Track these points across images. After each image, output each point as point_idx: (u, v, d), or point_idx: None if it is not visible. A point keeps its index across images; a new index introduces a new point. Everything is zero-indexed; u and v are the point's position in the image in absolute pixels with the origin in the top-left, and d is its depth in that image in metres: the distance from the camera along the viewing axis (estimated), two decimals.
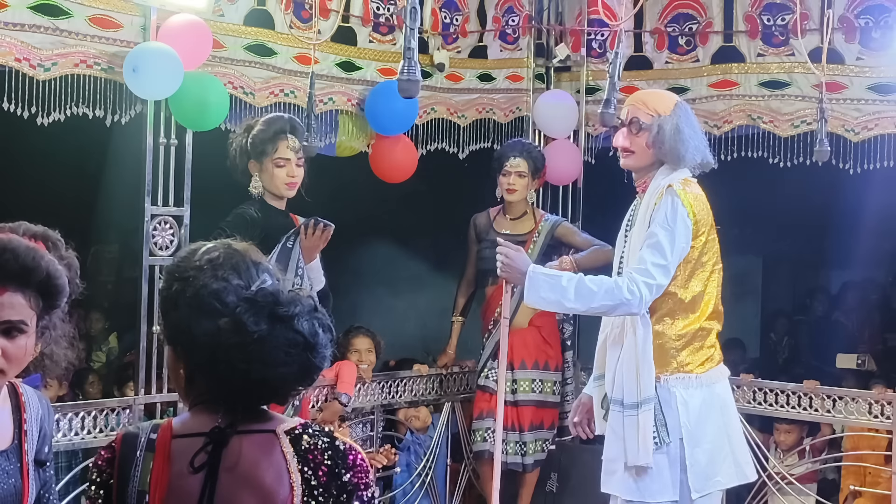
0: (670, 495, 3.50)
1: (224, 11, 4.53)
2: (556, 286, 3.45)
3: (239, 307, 1.76)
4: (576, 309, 3.57)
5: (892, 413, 4.74)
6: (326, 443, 1.79)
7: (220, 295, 1.78)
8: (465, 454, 5.43)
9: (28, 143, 5.57)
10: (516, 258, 3.55)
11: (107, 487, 1.81)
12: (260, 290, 1.79)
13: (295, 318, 1.77)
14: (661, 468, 3.49)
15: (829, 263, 8.38)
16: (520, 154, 5.11)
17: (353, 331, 5.25)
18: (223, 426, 1.77)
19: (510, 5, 5.72)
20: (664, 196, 3.50)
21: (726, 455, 3.60)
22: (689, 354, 3.55)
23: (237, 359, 1.74)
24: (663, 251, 3.44)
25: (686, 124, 3.57)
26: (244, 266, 1.83)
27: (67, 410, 4.02)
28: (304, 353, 1.78)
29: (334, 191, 6.11)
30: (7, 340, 2.02)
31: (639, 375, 3.47)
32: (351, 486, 1.78)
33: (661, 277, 3.44)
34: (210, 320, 1.76)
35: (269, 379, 1.77)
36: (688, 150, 3.55)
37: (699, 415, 3.53)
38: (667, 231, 3.45)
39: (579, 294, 3.42)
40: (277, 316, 1.77)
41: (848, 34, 5.09)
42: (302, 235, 3.96)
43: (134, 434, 1.82)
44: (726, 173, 5.42)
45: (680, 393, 3.52)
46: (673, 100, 3.65)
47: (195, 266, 1.81)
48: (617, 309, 3.46)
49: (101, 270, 7.48)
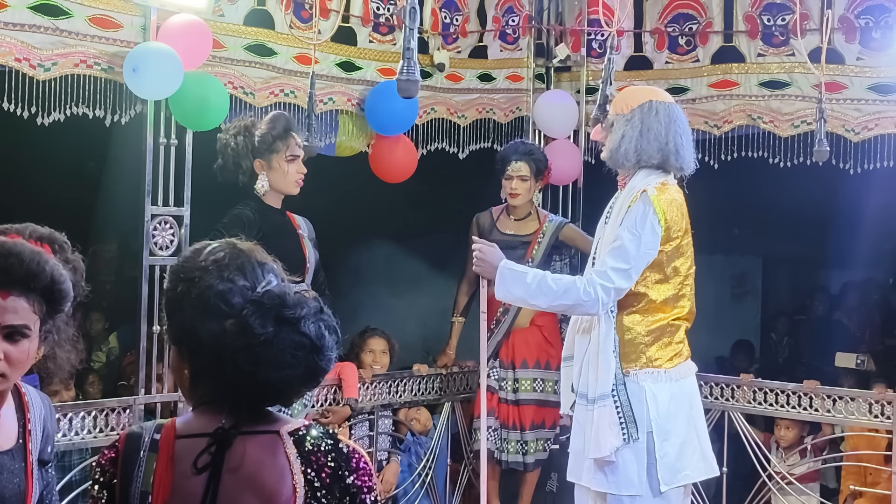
0: (635, 489, 3.54)
1: (224, 11, 4.53)
2: (521, 282, 3.58)
3: (245, 309, 1.76)
4: (539, 305, 3.69)
5: (892, 413, 4.74)
6: (330, 445, 1.79)
7: (225, 296, 1.77)
8: (465, 454, 5.43)
9: (28, 144, 5.57)
10: (489, 253, 3.68)
11: (110, 487, 1.81)
12: (266, 293, 1.79)
13: (301, 320, 1.77)
14: (626, 462, 3.53)
15: (830, 263, 8.38)
16: (521, 157, 5.09)
17: (368, 331, 5.32)
18: (227, 427, 1.77)
19: (510, 5, 5.72)
20: (637, 201, 3.54)
21: (694, 449, 3.65)
22: (658, 349, 3.60)
23: (243, 361, 1.74)
24: (626, 256, 3.50)
25: (636, 126, 3.57)
26: (249, 267, 1.83)
27: (67, 410, 4.02)
28: (311, 356, 1.77)
29: (334, 191, 6.12)
30: (10, 345, 2.03)
31: (598, 369, 3.54)
32: (354, 489, 1.78)
33: (620, 281, 3.50)
34: (216, 321, 1.76)
35: (274, 381, 1.76)
36: (627, 152, 3.57)
37: (668, 409, 3.58)
38: (633, 236, 3.51)
39: (541, 291, 3.54)
40: (284, 318, 1.76)
41: (848, 34, 5.09)
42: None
43: (137, 434, 1.81)
44: (726, 173, 5.44)
45: (649, 387, 3.57)
46: (640, 100, 3.62)
47: (200, 267, 1.81)
48: (575, 308, 3.58)
49: (100, 270, 7.47)
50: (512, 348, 5.16)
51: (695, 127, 5.34)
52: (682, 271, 3.61)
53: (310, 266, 4.21)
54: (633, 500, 3.54)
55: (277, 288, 1.81)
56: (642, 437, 3.52)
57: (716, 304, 7.90)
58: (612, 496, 3.57)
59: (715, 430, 5.15)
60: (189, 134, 4.36)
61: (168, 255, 4.28)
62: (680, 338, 3.66)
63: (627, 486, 3.53)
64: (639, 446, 3.52)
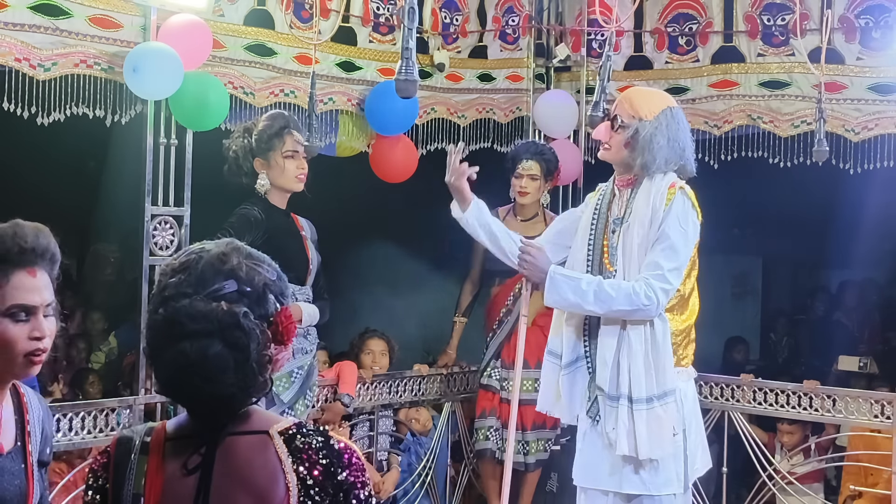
0: (675, 487, 3.53)
1: (224, 11, 4.53)
2: (576, 288, 3.51)
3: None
4: (594, 311, 3.57)
5: (892, 413, 4.74)
6: (321, 442, 1.79)
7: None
8: (465, 454, 5.43)
9: (28, 143, 5.57)
10: (539, 257, 3.64)
11: (103, 492, 1.83)
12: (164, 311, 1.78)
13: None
14: (666, 461, 3.52)
15: (830, 263, 8.38)
16: (532, 157, 5.09)
17: (368, 332, 5.34)
18: (217, 428, 1.78)
19: (510, 5, 5.72)
20: (677, 197, 3.51)
21: (700, 442, 3.70)
22: (685, 348, 3.62)
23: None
24: (678, 254, 3.48)
25: (664, 133, 3.55)
26: (204, 278, 1.81)
27: (67, 410, 4.02)
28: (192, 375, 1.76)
29: (334, 191, 6.11)
30: (46, 322, 2.05)
31: (657, 369, 3.49)
32: (347, 485, 1.78)
33: (676, 281, 3.50)
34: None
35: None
36: (655, 159, 3.55)
37: (692, 406, 3.62)
38: (681, 233, 3.49)
39: (598, 298, 3.47)
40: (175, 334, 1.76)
41: (848, 34, 5.09)
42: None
43: (128, 437, 1.83)
44: (726, 173, 5.44)
45: (681, 386, 3.58)
46: (660, 105, 3.60)
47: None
48: (634, 314, 3.49)
49: (101, 270, 7.47)
50: (512, 348, 5.15)
51: (695, 127, 5.34)
52: (696, 266, 3.64)
53: (312, 268, 4.21)
54: (672, 499, 3.54)
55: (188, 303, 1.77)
56: (679, 435, 3.53)
57: (716, 304, 7.88)
58: (647, 497, 3.53)
59: (715, 431, 5.16)
60: (189, 134, 4.36)
61: (168, 255, 4.28)
62: (694, 335, 3.70)
63: (667, 486, 3.52)
64: (677, 444, 3.53)
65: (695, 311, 3.66)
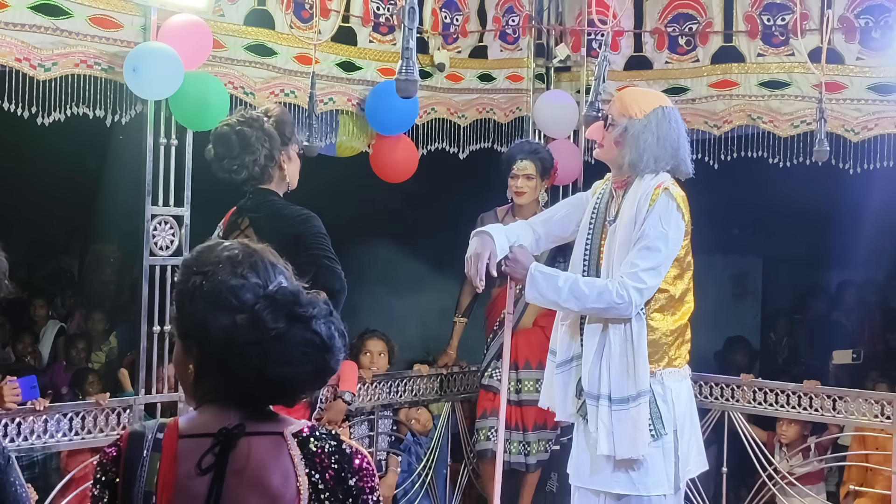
0: (665, 488, 3.53)
1: (224, 11, 4.53)
2: (553, 285, 3.54)
3: (258, 304, 1.77)
4: (570, 308, 3.61)
5: (892, 413, 4.74)
6: (333, 446, 1.80)
7: (237, 291, 1.78)
8: (465, 454, 5.43)
9: (28, 144, 5.57)
10: (521, 255, 3.65)
11: (112, 487, 1.79)
12: (280, 289, 1.80)
13: (313, 318, 1.78)
14: (655, 461, 3.52)
15: (829, 263, 8.38)
16: (527, 156, 5.09)
17: (367, 333, 5.34)
18: (231, 427, 1.76)
19: (510, 5, 5.72)
20: (661, 197, 3.50)
21: (694, 443, 3.67)
22: (677, 349, 3.60)
23: (253, 355, 1.74)
24: (655, 254, 3.48)
25: (653, 131, 3.54)
26: (262, 265, 1.83)
27: (67, 410, 4.02)
28: (320, 354, 1.78)
29: (334, 191, 6.12)
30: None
31: (634, 369, 3.49)
32: (356, 491, 1.79)
33: (652, 280, 3.48)
34: (227, 315, 1.76)
35: (282, 378, 1.77)
36: (643, 157, 3.54)
37: (685, 407, 3.60)
38: (661, 234, 3.48)
39: (573, 295, 3.50)
40: (296, 315, 1.77)
41: (848, 34, 5.08)
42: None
43: (140, 433, 1.80)
44: (726, 173, 5.44)
45: (672, 387, 3.56)
46: (651, 104, 3.59)
47: (214, 261, 1.82)
48: (608, 311, 3.51)
49: (101, 270, 7.48)
50: (515, 349, 5.14)
51: (695, 127, 5.35)
52: (691, 266, 3.63)
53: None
54: (661, 499, 3.53)
55: (291, 286, 1.82)
56: (669, 435, 3.51)
57: (716, 304, 7.90)
58: (636, 497, 3.53)
59: (714, 430, 5.16)
60: (189, 134, 4.36)
61: (168, 255, 4.29)
62: (689, 335, 3.68)
63: (657, 486, 3.51)
64: (667, 445, 3.52)
65: (689, 311, 3.64)
